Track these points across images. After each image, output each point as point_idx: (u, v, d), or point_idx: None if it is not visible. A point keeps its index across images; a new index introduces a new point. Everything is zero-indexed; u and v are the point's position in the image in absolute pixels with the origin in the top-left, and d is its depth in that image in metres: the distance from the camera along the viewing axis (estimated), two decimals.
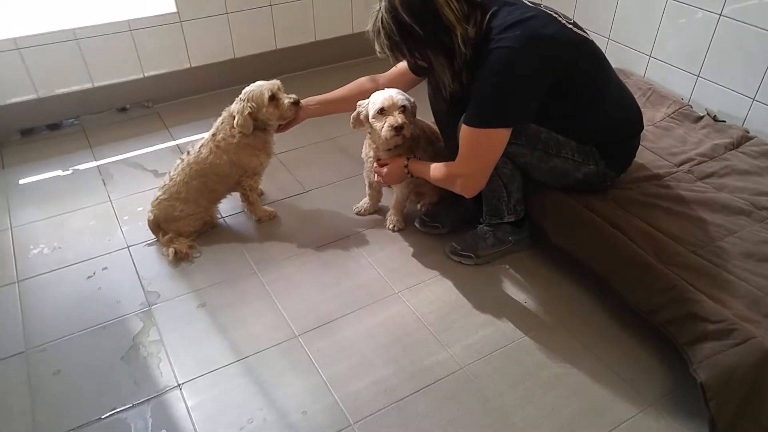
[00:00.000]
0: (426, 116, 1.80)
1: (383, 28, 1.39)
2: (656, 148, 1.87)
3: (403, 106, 1.60)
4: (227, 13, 2.59)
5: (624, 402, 1.32)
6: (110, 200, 2.04)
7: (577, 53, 1.44)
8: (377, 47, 1.45)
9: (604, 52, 1.54)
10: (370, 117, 1.64)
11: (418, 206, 1.97)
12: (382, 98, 1.60)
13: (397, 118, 1.58)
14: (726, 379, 1.17)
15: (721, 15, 1.95)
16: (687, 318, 1.29)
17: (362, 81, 1.82)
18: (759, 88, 1.91)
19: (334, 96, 1.83)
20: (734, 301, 1.31)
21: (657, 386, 1.35)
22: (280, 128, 1.85)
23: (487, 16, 1.39)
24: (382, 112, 1.60)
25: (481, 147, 1.44)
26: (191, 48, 2.59)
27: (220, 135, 1.77)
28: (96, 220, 1.95)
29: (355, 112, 1.69)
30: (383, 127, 1.60)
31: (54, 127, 2.48)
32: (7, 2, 2.29)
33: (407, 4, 1.33)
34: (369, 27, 1.43)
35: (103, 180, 2.15)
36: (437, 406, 1.33)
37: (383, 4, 1.37)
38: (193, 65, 2.63)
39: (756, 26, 1.85)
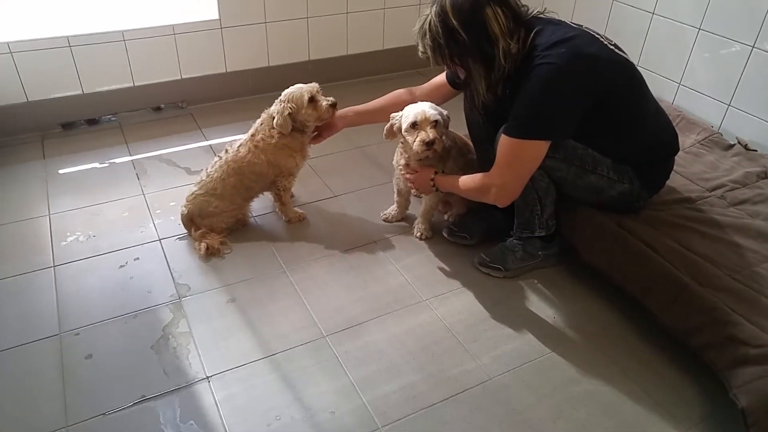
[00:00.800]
0: (460, 129, 1.80)
1: (430, 30, 1.40)
2: (687, 172, 1.85)
3: (435, 121, 1.60)
4: (266, 23, 2.63)
5: (658, 424, 1.27)
6: (143, 194, 2.05)
7: (618, 73, 1.44)
8: (420, 47, 1.46)
9: None
10: (402, 129, 1.64)
11: (446, 216, 1.95)
12: (415, 112, 1.60)
13: (428, 133, 1.58)
14: None
15: (754, 47, 1.95)
16: (726, 341, 1.25)
17: (399, 93, 1.83)
18: None
19: (370, 107, 1.84)
20: None
21: (691, 410, 1.30)
22: (316, 138, 1.85)
23: (532, 34, 1.40)
24: (414, 126, 1.60)
25: (519, 157, 1.43)
26: (228, 54, 2.63)
27: (259, 135, 1.78)
28: (129, 212, 1.96)
29: (388, 124, 1.69)
30: (415, 141, 1.60)
31: (93, 122, 2.52)
32: (62, 2, 2.35)
33: (457, 10, 1.35)
34: (416, 28, 1.45)
35: (137, 174, 2.17)
36: (466, 415, 1.29)
37: (434, 8, 1.39)
38: (228, 70, 2.67)
39: None
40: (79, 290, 1.62)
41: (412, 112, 1.61)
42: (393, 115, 1.68)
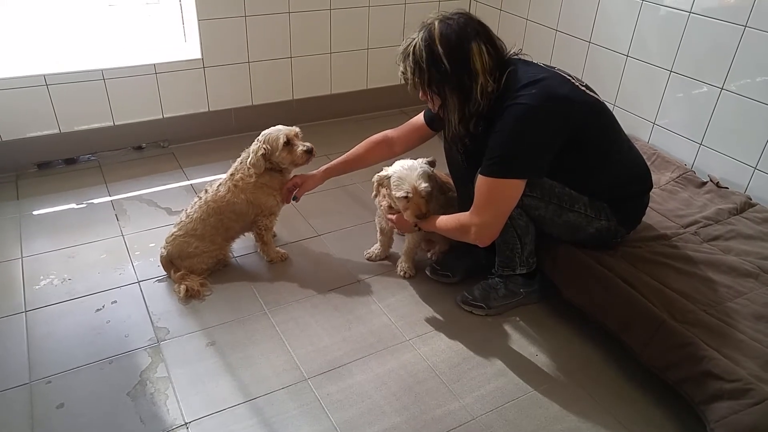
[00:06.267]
0: (441, 167, 1.93)
1: (414, 53, 1.51)
2: (663, 209, 2.00)
3: (428, 193, 1.68)
4: (249, 62, 2.79)
5: None
6: (122, 235, 2.12)
7: (589, 113, 1.56)
8: (401, 68, 1.56)
9: None
10: (395, 196, 1.71)
11: (429, 254, 2.05)
12: (406, 187, 1.66)
13: (421, 207, 1.67)
14: None
15: (722, 89, 2.15)
16: (702, 376, 1.34)
17: (376, 138, 1.93)
18: (760, 158, 2.06)
19: (350, 156, 1.95)
20: (748, 360, 1.36)
21: None
22: (291, 193, 1.94)
23: (505, 75, 1.53)
24: (405, 198, 1.68)
25: (496, 197, 1.54)
26: (211, 93, 2.77)
27: (239, 174, 1.88)
28: (107, 254, 2.02)
29: (375, 184, 1.79)
30: (407, 212, 1.69)
31: (70, 161, 2.60)
32: (39, 40, 2.48)
33: (445, 39, 1.47)
34: (400, 49, 1.55)
35: (116, 215, 2.24)
36: None
37: (422, 33, 1.50)
38: (211, 109, 2.80)
39: (756, 100, 2.03)
40: (52, 336, 1.66)
41: (403, 186, 1.67)
42: (378, 175, 1.77)
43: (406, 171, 1.70)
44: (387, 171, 1.76)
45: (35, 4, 2.43)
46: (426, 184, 1.69)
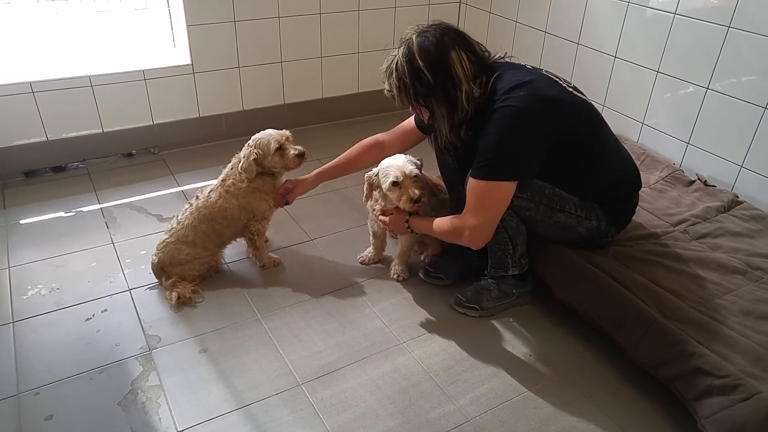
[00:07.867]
0: (433, 170, 1.94)
1: (396, 70, 1.53)
2: (652, 208, 2.01)
3: (416, 176, 1.68)
4: (239, 67, 2.78)
5: None
6: (113, 243, 2.10)
7: (577, 113, 1.58)
8: (386, 86, 1.58)
9: None
10: (384, 188, 1.72)
11: (422, 257, 2.05)
12: (395, 172, 1.67)
13: (414, 190, 1.67)
14: None
15: (708, 89, 2.17)
16: (693, 373, 1.35)
17: (367, 142, 1.93)
18: (746, 156, 2.09)
19: (340, 160, 1.94)
20: (737, 356, 1.37)
21: None
22: (281, 201, 1.93)
23: (492, 79, 1.54)
24: (396, 184, 1.68)
25: (488, 199, 1.55)
26: (201, 98, 2.76)
27: (230, 180, 1.87)
28: (97, 262, 2.00)
29: (365, 184, 1.78)
30: (401, 199, 1.68)
31: (58, 169, 2.57)
32: (27, 46, 2.46)
33: (424, 52, 1.48)
34: (383, 67, 1.57)
35: (106, 223, 2.22)
36: None
37: (402, 49, 1.52)
38: (201, 115, 2.79)
39: (741, 99, 2.06)
40: (40, 346, 1.63)
41: (391, 172, 1.68)
42: (368, 175, 1.77)
43: (391, 160, 1.72)
44: (374, 169, 1.76)
45: (21, 11, 2.41)
46: (413, 167, 1.69)
